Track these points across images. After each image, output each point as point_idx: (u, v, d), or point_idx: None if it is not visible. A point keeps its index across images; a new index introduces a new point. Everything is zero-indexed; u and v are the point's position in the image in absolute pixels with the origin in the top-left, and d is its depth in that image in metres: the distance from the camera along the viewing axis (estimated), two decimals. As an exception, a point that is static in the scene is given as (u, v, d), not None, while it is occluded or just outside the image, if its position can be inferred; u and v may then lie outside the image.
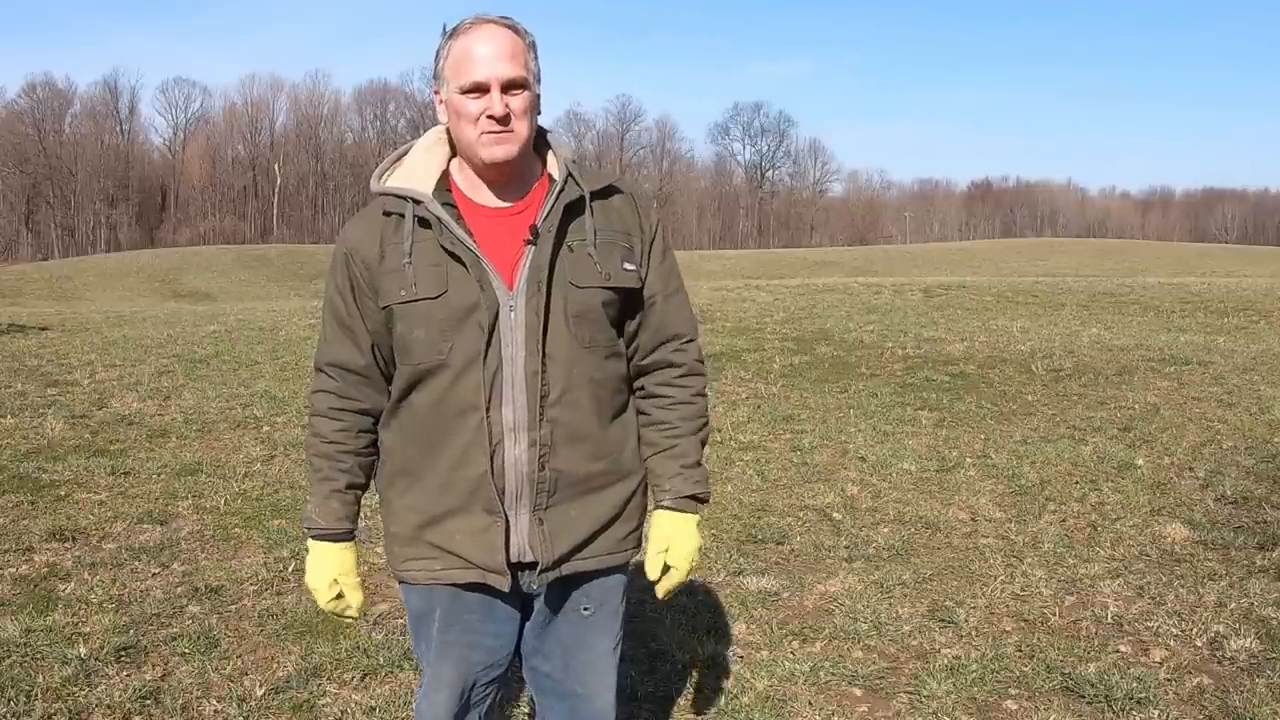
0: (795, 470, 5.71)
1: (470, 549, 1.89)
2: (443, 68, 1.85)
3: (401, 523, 1.94)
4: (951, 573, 4.21)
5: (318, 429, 1.97)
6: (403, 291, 1.84)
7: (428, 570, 1.93)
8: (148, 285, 38.99)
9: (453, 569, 1.92)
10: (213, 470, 5.59)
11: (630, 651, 3.48)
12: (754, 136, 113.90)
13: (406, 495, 1.93)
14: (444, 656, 2.00)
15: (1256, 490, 5.21)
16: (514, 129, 1.82)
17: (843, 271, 43.93)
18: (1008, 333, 10.56)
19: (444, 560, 1.92)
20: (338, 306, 1.93)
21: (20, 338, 11.04)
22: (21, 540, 4.39)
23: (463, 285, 1.82)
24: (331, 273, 1.94)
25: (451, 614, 1.96)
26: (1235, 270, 38.91)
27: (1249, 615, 3.72)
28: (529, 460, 1.86)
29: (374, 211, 1.91)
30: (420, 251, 1.84)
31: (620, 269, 1.91)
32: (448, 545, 1.90)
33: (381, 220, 1.88)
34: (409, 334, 1.86)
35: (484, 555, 1.89)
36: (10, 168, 78.36)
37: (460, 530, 1.89)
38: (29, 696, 3.04)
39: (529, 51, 1.85)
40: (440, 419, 1.87)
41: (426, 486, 1.90)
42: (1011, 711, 3.11)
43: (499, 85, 1.80)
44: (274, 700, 3.10)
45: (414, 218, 1.85)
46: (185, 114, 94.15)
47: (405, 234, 1.85)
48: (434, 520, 1.90)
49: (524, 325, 1.82)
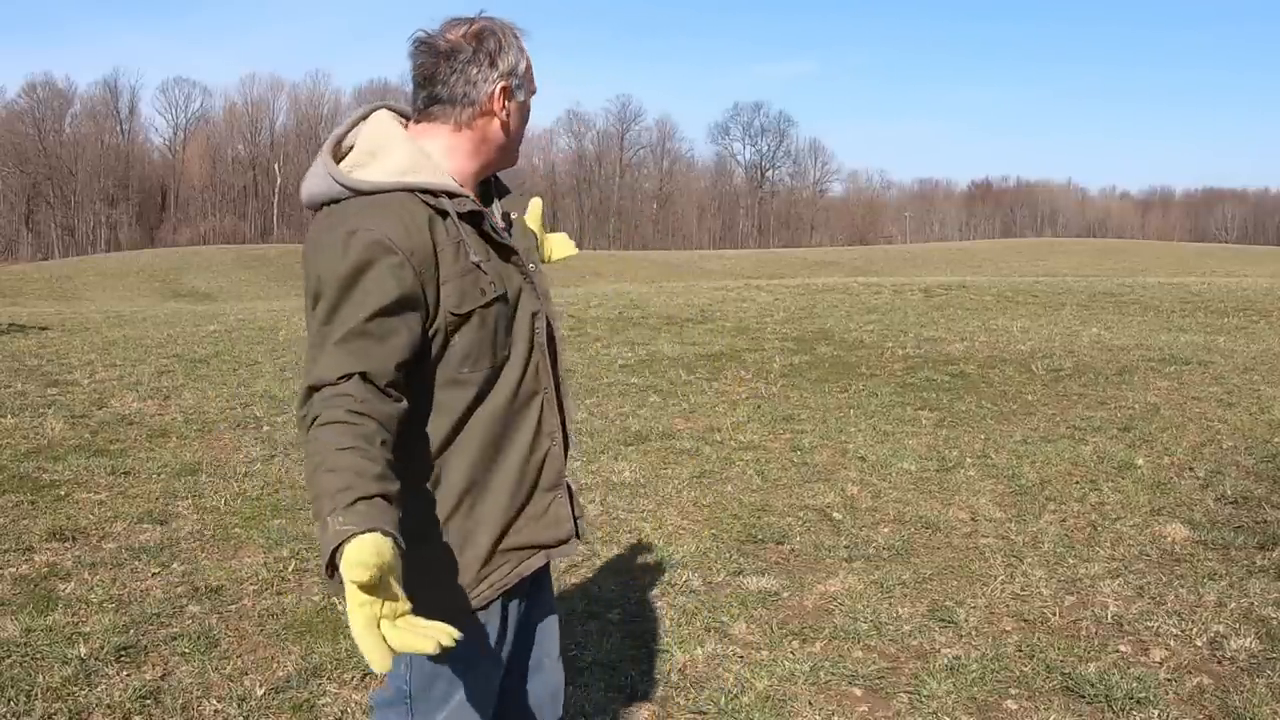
0: (795, 470, 5.71)
1: (535, 535, 1.89)
2: (522, 68, 1.80)
3: (477, 545, 1.79)
4: (951, 573, 4.21)
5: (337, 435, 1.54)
6: (482, 292, 1.73)
7: (500, 577, 1.83)
8: (148, 285, 38.99)
9: (525, 561, 1.88)
10: (213, 470, 5.59)
11: (630, 651, 3.48)
12: (754, 136, 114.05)
13: (479, 512, 1.79)
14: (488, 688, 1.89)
15: (1256, 490, 5.21)
16: None
17: (843, 271, 43.92)
18: (1008, 333, 10.56)
19: (514, 558, 1.86)
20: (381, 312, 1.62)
21: (20, 338, 11.04)
22: (21, 540, 4.39)
23: (513, 276, 1.84)
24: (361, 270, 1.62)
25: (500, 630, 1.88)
26: (1235, 270, 38.91)
27: (1249, 615, 3.72)
28: (562, 429, 1.94)
29: (407, 207, 1.69)
30: (477, 249, 1.77)
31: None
32: (517, 543, 1.86)
33: (427, 215, 1.70)
34: (490, 336, 1.75)
35: (551, 532, 1.91)
36: (10, 168, 78.36)
37: (526, 522, 1.87)
38: (29, 696, 3.04)
39: None
40: (511, 413, 1.83)
41: (499, 493, 1.81)
42: (1011, 711, 3.11)
43: None
44: (274, 700, 3.10)
45: (456, 214, 1.74)
46: (185, 114, 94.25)
47: (459, 232, 1.73)
48: (508, 525, 1.83)
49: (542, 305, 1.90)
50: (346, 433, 1.52)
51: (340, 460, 1.49)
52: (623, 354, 9.31)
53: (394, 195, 1.70)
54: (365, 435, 1.53)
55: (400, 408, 1.64)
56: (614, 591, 3.98)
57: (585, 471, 5.68)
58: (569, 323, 10.78)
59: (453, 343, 1.71)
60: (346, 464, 1.49)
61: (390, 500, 1.50)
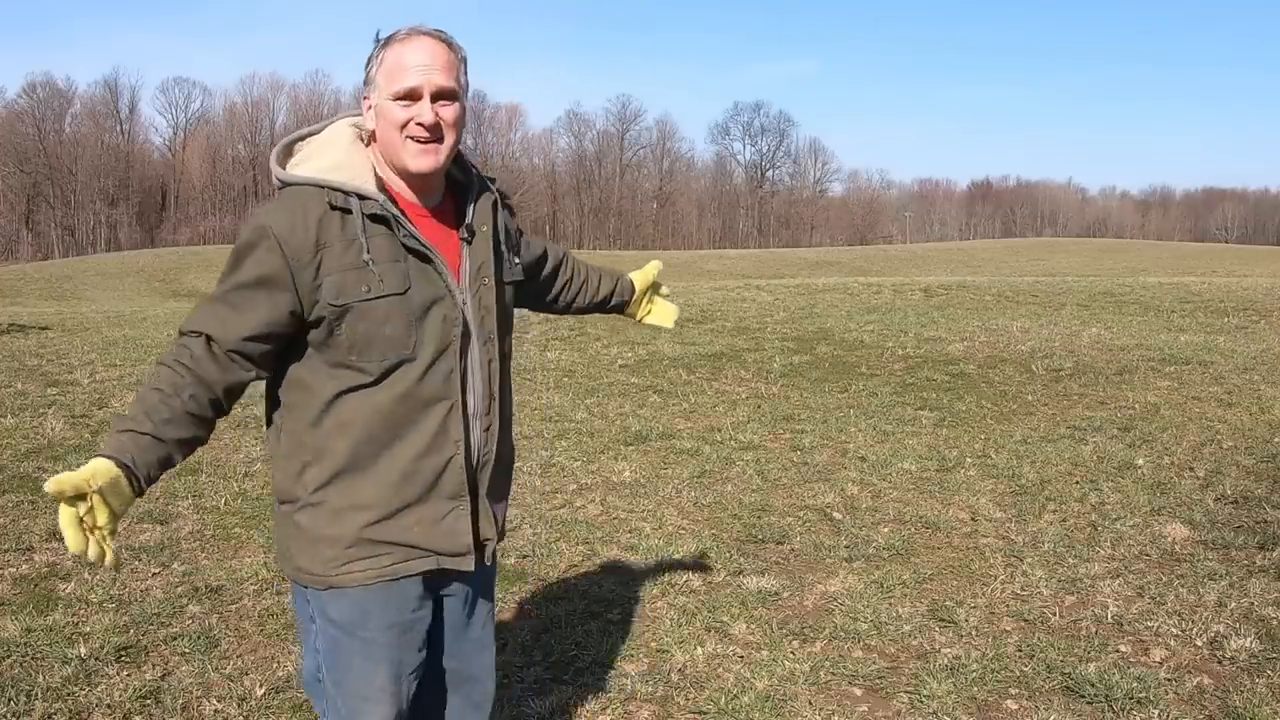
0: (795, 470, 5.71)
1: (428, 538, 1.93)
2: (375, 74, 1.89)
3: (341, 524, 1.89)
4: (951, 573, 4.21)
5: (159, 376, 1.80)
6: (365, 288, 1.83)
7: (375, 568, 1.91)
8: (148, 285, 39.00)
9: (410, 560, 1.93)
10: (213, 470, 5.59)
11: (630, 651, 3.48)
12: (754, 136, 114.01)
13: (352, 494, 1.89)
14: (377, 666, 1.96)
15: (1256, 490, 5.21)
16: (443, 139, 1.89)
17: (843, 271, 43.93)
18: (1008, 333, 10.56)
19: (397, 554, 1.92)
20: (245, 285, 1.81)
21: (20, 338, 11.04)
22: (21, 540, 4.40)
23: (424, 280, 1.88)
24: (245, 250, 1.82)
25: (390, 614, 1.94)
26: (1235, 270, 38.91)
27: (1249, 615, 3.72)
28: (483, 444, 1.99)
29: (305, 201, 1.84)
30: (377, 248, 1.84)
31: (514, 264, 2.11)
32: (402, 539, 1.92)
33: (320, 211, 1.83)
34: (374, 331, 1.84)
35: (446, 541, 1.94)
36: (10, 168, 78.36)
37: (417, 521, 1.92)
38: (29, 696, 3.04)
39: (461, 65, 1.92)
40: (405, 411, 1.89)
41: (381, 482, 1.89)
42: (1011, 711, 3.11)
43: (431, 93, 1.86)
44: (274, 700, 3.10)
45: (363, 214, 1.84)
46: (185, 114, 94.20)
47: (358, 230, 1.83)
48: (387, 516, 1.90)
49: (476, 318, 1.95)
50: (165, 377, 1.79)
51: (146, 396, 1.78)
52: (623, 354, 9.31)
53: (300, 190, 1.86)
54: (176, 385, 1.78)
55: (238, 376, 1.84)
56: (614, 591, 3.98)
57: (585, 471, 5.68)
58: (569, 321, 10.77)
59: (338, 330, 1.84)
60: (146, 401, 1.77)
61: (160, 440, 1.75)
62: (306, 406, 1.90)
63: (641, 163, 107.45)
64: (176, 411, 1.78)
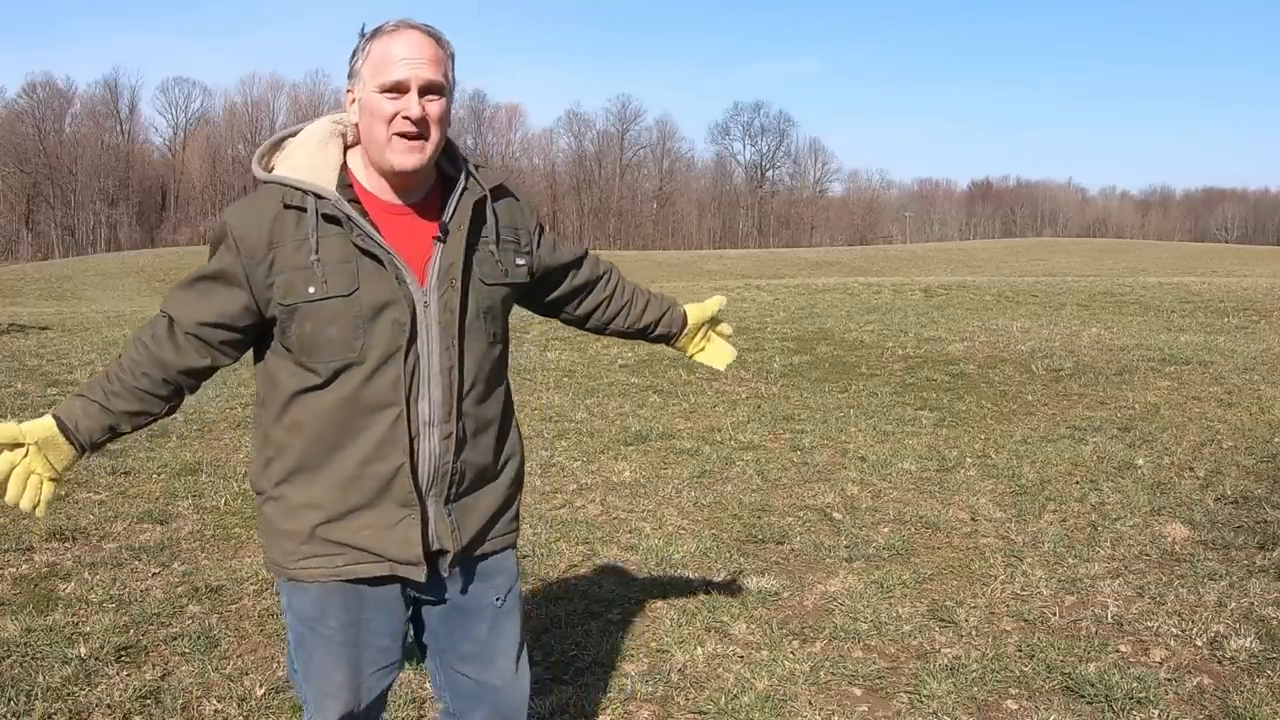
0: (795, 470, 5.71)
1: (380, 543, 1.91)
2: (360, 66, 1.86)
3: (297, 520, 1.91)
4: (951, 573, 4.21)
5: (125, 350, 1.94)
6: (312, 289, 1.82)
7: (329, 567, 1.92)
8: (148, 285, 38.99)
9: (360, 563, 1.92)
10: (213, 470, 5.59)
11: (630, 651, 3.48)
12: (754, 136, 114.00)
13: (305, 492, 1.91)
14: (336, 662, 1.97)
15: (1256, 490, 5.21)
16: (428, 135, 1.85)
17: (843, 271, 43.95)
18: (1008, 333, 10.56)
19: (349, 555, 1.92)
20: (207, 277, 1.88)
21: (20, 338, 11.04)
22: (21, 540, 4.39)
23: (375, 282, 1.84)
24: (213, 244, 1.90)
25: (346, 613, 1.95)
26: (1235, 270, 38.91)
27: (1249, 615, 3.72)
28: (442, 453, 1.92)
29: (265, 200, 1.86)
30: (327, 248, 1.82)
31: (514, 265, 2.03)
32: (353, 541, 1.91)
33: (275, 211, 1.84)
34: (319, 332, 1.83)
35: (397, 548, 1.91)
36: (10, 168, 78.36)
37: (369, 525, 1.90)
38: (29, 696, 3.04)
39: (449, 61, 1.89)
40: (350, 415, 1.87)
41: (330, 483, 1.89)
42: (1011, 711, 3.11)
43: (418, 87, 1.83)
44: (274, 700, 3.10)
45: (318, 214, 1.83)
46: (185, 114, 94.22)
47: (309, 230, 1.82)
48: (337, 517, 1.90)
49: (438, 321, 1.89)
50: (128, 353, 1.93)
51: (109, 367, 1.93)
52: (623, 354, 9.31)
53: (264, 189, 1.89)
54: (134, 362, 1.91)
55: (195, 360, 1.91)
56: (614, 591, 3.98)
57: (585, 471, 5.68)
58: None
59: (290, 330, 1.86)
60: (108, 372, 1.93)
61: (107, 409, 1.89)
62: (272, 402, 1.93)
63: (641, 163, 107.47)
64: (127, 385, 1.90)
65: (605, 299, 2.33)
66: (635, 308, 2.37)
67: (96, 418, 1.89)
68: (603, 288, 2.32)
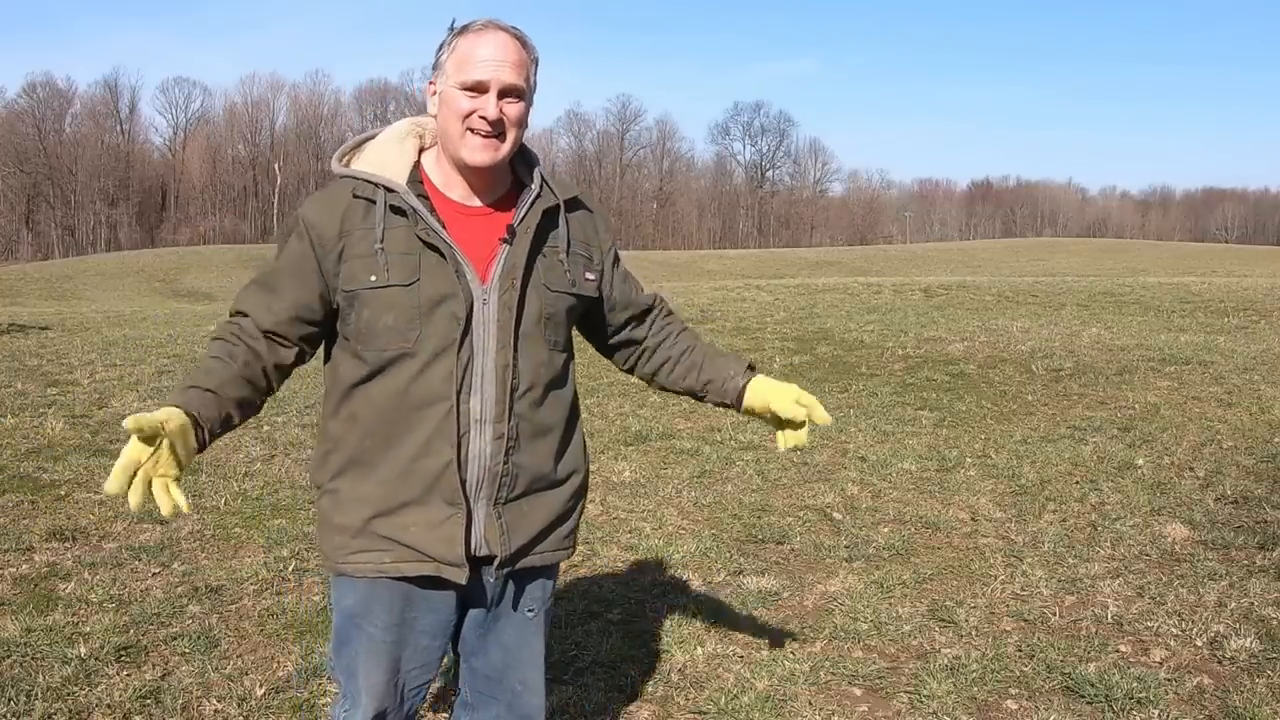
0: (795, 470, 5.71)
1: (426, 541, 1.89)
2: (445, 60, 1.88)
3: (350, 514, 1.91)
4: (951, 573, 4.21)
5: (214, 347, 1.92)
6: (373, 277, 1.84)
7: (376, 563, 1.91)
8: (148, 285, 39.01)
9: (406, 561, 1.91)
10: (213, 470, 5.59)
11: (630, 651, 3.48)
12: (754, 136, 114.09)
13: (358, 486, 1.91)
14: (377, 660, 1.97)
15: (1256, 490, 5.21)
16: (504, 136, 1.87)
17: (843, 271, 43.95)
18: (1008, 333, 10.56)
19: (396, 553, 1.90)
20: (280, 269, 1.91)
21: (20, 338, 11.04)
22: (22, 540, 4.39)
23: (435, 275, 1.85)
24: (283, 237, 1.93)
25: (392, 611, 1.95)
26: (1235, 270, 38.91)
27: (1249, 615, 3.72)
28: (494, 453, 1.89)
29: (338, 192, 1.90)
30: (392, 239, 1.85)
31: (583, 278, 2.02)
32: (400, 537, 1.89)
33: (347, 202, 1.88)
34: (376, 320, 1.85)
35: (442, 548, 1.89)
36: (10, 168, 78.34)
37: (415, 522, 1.89)
38: (29, 696, 3.04)
39: (532, 65, 1.90)
40: (403, 408, 1.87)
41: (382, 477, 1.89)
42: (1011, 711, 3.11)
43: (498, 89, 1.84)
44: (274, 700, 3.10)
45: (386, 205, 1.86)
46: (185, 114, 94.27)
47: (377, 220, 1.86)
48: (386, 512, 1.89)
49: (496, 320, 1.88)
50: (219, 347, 1.90)
51: (205, 362, 1.89)
52: (623, 354, 9.30)
53: (339, 182, 1.92)
54: (230, 352, 1.88)
55: (279, 353, 1.91)
56: (614, 591, 3.98)
57: (585, 471, 5.67)
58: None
59: (349, 317, 1.88)
60: (205, 365, 1.87)
61: (217, 395, 1.82)
62: (332, 394, 1.96)
63: (641, 163, 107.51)
64: (234, 373, 1.86)
65: (644, 348, 2.22)
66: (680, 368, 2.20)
67: (214, 406, 1.81)
68: (642, 329, 2.21)
